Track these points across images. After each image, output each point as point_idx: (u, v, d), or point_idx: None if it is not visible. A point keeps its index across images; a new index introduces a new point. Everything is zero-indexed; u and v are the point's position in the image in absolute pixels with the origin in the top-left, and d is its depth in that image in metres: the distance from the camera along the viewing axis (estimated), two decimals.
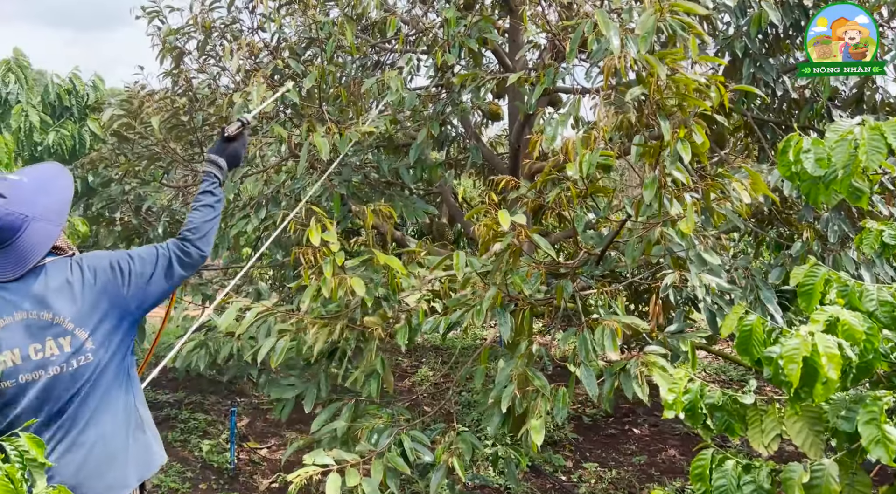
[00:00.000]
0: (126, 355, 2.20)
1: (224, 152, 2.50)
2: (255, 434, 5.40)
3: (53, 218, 2.16)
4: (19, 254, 2.08)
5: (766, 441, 2.12)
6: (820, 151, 2.18)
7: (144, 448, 2.25)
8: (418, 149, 4.20)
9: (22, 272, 2.07)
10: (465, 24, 4.09)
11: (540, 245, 2.87)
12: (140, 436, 2.23)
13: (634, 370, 3.01)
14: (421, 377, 7.08)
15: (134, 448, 2.19)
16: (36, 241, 2.09)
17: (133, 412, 2.22)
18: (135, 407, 2.23)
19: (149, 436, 2.27)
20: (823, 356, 1.60)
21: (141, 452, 2.23)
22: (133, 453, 2.19)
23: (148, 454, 2.26)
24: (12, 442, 1.47)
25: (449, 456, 3.24)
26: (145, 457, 2.24)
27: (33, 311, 2.04)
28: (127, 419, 2.18)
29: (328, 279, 2.99)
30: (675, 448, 5.64)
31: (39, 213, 2.12)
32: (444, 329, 3.26)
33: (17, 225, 2.08)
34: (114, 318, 2.12)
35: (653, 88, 2.78)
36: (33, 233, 2.09)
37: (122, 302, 2.13)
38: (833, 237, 4.04)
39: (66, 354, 2.04)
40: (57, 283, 2.08)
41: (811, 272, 1.99)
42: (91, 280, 2.11)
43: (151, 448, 2.27)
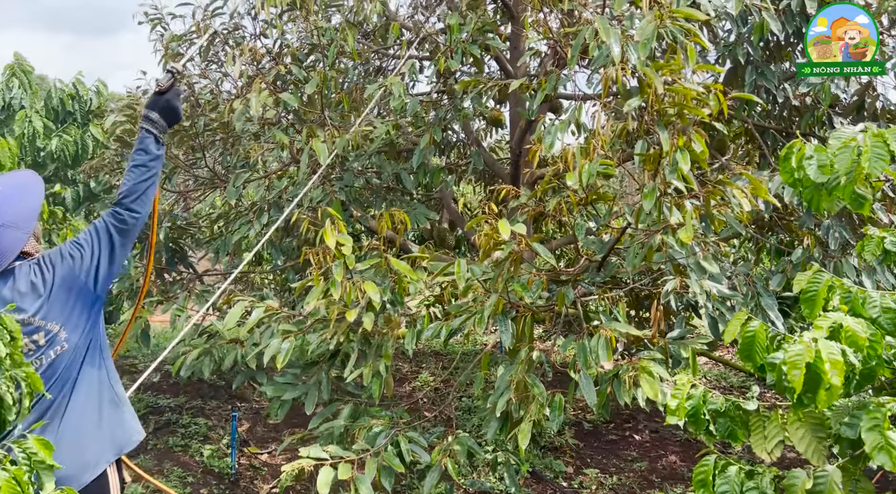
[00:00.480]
0: (96, 334, 2.29)
1: (157, 106, 2.42)
2: (256, 440, 5.39)
3: (22, 225, 2.23)
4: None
5: (768, 448, 2.12)
6: (823, 158, 2.19)
7: (119, 422, 2.32)
8: (421, 154, 4.21)
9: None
10: (468, 30, 4.11)
11: (541, 253, 2.88)
12: (114, 411, 2.31)
13: (625, 376, 3.02)
14: (422, 382, 7.07)
15: (109, 423, 2.27)
16: (5, 247, 2.16)
17: (107, 388, 2.31)
18: (109, 384, 2.31)
19: (124, 412, 2.36)
20: (827, 362, 1.61)
21: (116, 427, 2.30)
22: (108, 428, 2.27)
23: (123, 429, 2.33)
24: (20, 445, 1.47)
25: (444, 459, 3.24)
26: (121, 432, 2.31)
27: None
28: (100, 395, 2.27)
29: (339, 281, 3.01)
30: (675, 454, 5.63)
31: (9, 221, 2.19)
32: (445, 335, 3.27)
33: None
34: (79, 303, 2.21)
35: (651, 98, 2.80)
36: (2, 240, 2.15)
37: (81, 286, 2.21)
38: (834, 244, 4.05)
39: (42, 348, 2.15)
40: (24, 286, 2.16)
41: (814, 278, 1.99)
42: (50, 275, 2.19)
43: (127, 422, 2.35)
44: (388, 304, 3.44)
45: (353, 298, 3.19)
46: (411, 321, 3.48)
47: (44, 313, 2.15)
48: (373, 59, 5.73)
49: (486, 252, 2.96)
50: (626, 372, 2.87)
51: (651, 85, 2.70)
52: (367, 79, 5.52)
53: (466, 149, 6.45)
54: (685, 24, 3.08)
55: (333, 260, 3.16)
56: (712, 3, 3.64)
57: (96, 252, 2.25)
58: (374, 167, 4.66)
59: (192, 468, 4.73)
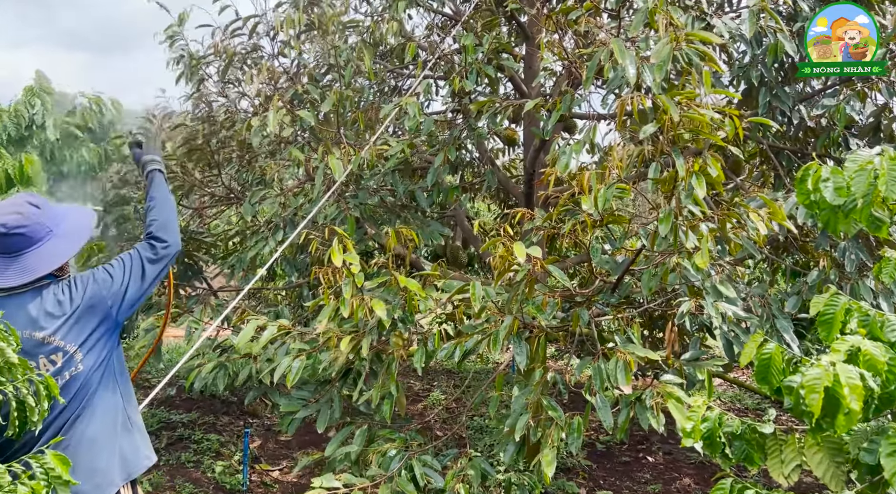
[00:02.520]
0: (113, 359, 2.30)
1: (149, 151, 2.65)
2: (267, 456, 5.39)
3: (70, 241, 2.28)
4: (28, 265, 2.17)
5: (786, 472, 2.09)
6: (839, 180, 2.18)
7: (132, 448, 2.32)
8: (435, 172, 4.24)
9: (24, 281, 2.16)
10: (483, 51, 4.15)
11: (556, 275, 2.88)
12: (126, 436, 2.32)
13: (650, 401, 3.00)
14: (433, 400, 7.05)
15: (121, 447, 2.28)
16: (48, 256, 2.20)
17: (121, 412, 2.31)
18: (122, 408, 2.32)
19: (136, 437, 2.36)
20: (846, 386, 1.60)
21: (128, 451, 2.30)
22: (120, 452, 2.27)
23: (135, 454, 2.33)
24: (38, 460, 1.49)
25: (458, 483, 3.22)
26: (133, 457, 2.31)
27: (27, 331, 2.14)
28: (115, 419, 2.27)
29: (348, 299, 3.02)
30: (689, 476, 5.56)
31: (62, 232, 2.25)
32: (459, 355, 3.27)
33: (40, 236, 2.20)
34: (101, 327, 2.23)
35: (666, 125, 2.80)
36: (49, 248, 2.21)
37: (106, 311, 2.24)
38: (850, 266, 4.01)
39: (58, 367, 2.15)
40: (50, 304, 2.18)
41: (832, 301, 1.98)
42: (78, 295, 2.21)
43: (139, 449, 2.35)
44: (398, 322, 3.44)
45: (362, 316, 3.19)
46: (422, 339, 3.48)
47: (63, 333, 2.16)
48: (388, 79, 5.79)
49: (500, 274, 2.96)
50: (650, 397, 2.84)
51: (667, 111, 2.71)
52: (382, 98, 5.58)
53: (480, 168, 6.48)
54: (700, 47, 3.09)
55: (343, 278, 3.18)
56: (727, 26, 3.66)
57: (126, 279, 2.29)
58: (389, 185, 4.69)
59: (203, 484, 4.73)
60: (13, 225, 2.16)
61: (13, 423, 1.69)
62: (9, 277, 2.15)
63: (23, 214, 2.18)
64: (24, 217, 2.18)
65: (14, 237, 2.16)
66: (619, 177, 2.77)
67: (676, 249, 2.85)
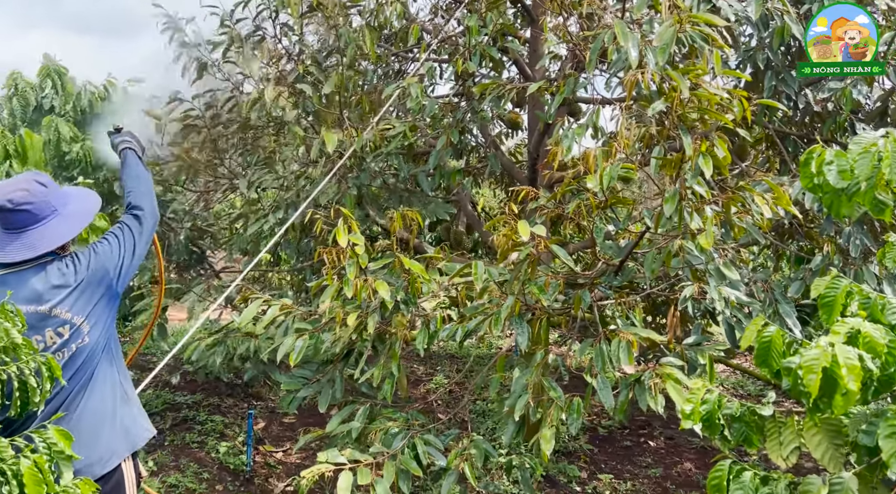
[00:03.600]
0: (112, 331, 2.36)
1: (125, 134, 2.74)
2: (271, 438, 5.43)
3: (75, 222, 2.32)
4: (32, 241, 2.22)
5: (784, 454, 2.10)
6: (843, 163, 2.17)
7: (131, 419, 2.37)
8: (437, 155, 4.23)
9: (27, 257, 2.21)
10: (487, 32, 4.12)
11: (559, 255, 2.88)
12: (126, 408, 2.36)
13: (649, 382, 3.00)
14: (436, 384, 7.08)
15: (122, 419, 2.32)
16: (51, 235, 2.24)
17: (118, 386, 2.36)
18: (119, 382, 2.37)
19: (134, 409, 2.41)
20: (843, 367, 1.60)
21: (129, 424, 2.35)
22: (120, 425, 2.31)
23: (135, 426, 2.38)
24: (41, 435, 1.50)
25: (461, 462, 3.24)
26: (133, 429, 2.37)
27: (31, 306, 2.18)
28: (113, 392, 2.32)
29: (351, 280, 3.03)
30: (690, 461, 5.59)
31: (66, 213, 2.29)
32: (461, 336, 3.27)
33: (45, 214, 2.24)
34: (104, 298, 2.29)
35: (675, 103, 2.79)
36: (52, 227, 2.26)
37: (109, 281, 2.30)
38: (854, 251, 4.00)
39: (65, 340, 2.19)
40: (55, 278, 2.22)
41: (833, 284, 1.98)
42: (82, 267, 2.26)
43: (138, 420, 2.40)
44: (401, 304, 3.45)
45: (365, 297, 3.21)
46: (425, 322, 3.49)
47: (69, 304, 2.20)
48: (392, 62, 5.76)
49: (503, 253, 2.96)
50: (650, 378, 2.85)
51: (676, 89, 2.69)
52: (385, 81, 5.55)
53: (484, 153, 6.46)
54: (705, 30, 3.06)
55: (347, 259, 3.18)
56: (732, 8, 3.62)
57: (122, 250, 2.35)
58: (392, 168, 4.68)
59: (207, 464, 4.78)
60: (19, 201, 2.20)
61: (15, 404, 1.71)
62: (10, 253, 2.19)
63: (29, 191, 2.23)
64: (31, 194, 2.22)
65: (19, 213, 2.21)
66: (626, 155, 2.76)
67: (681, 231, 2.84)
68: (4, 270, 2.22)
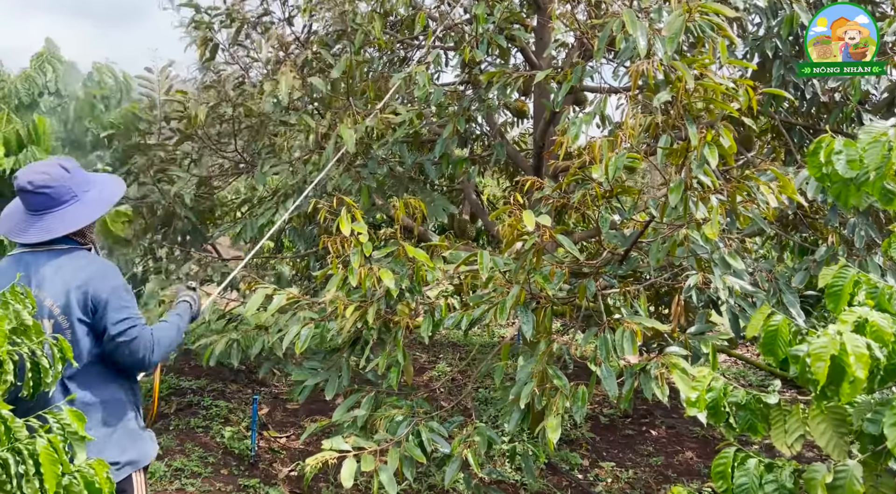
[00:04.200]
0: (101, 359, 2.27)
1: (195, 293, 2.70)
2: (274, 424, 5.46)
3: (92, 208, 2.33)
4: (49, 224, 2.25)
5: (789, 442, 2.12)
6: (852, 153, 2.17)
7: (143, 439, 2.38)
8: (444, 143, 4.22)
9: (43, 239, 2.25)
10: (494, 20, 4.10)
11: (564, 245, 2.88)
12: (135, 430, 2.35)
13: (654, 371, 3.02)
14: (438, 372, 7.11)
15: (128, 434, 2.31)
16: (69, 219, 2.27)
17: (132, 407, 2.36)
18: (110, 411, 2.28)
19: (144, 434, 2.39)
20: (851, 355, 1.61)
21: (138, 441, 2.35)
22: (128, 438, 2.30)
23: (147, 444, 2.39)
24: (55, 415, 1.52)
25: (465, 449, 3.26)
26: (142, 446, 2.37)
27: (35, 288, 2.20)
28: (125, 409, 2.30)
29: (356, 268, 3.04)
30: (692, 450, 5.62)
31: (86, 199, 2.31)
32: (466, 324, 3.29)
33: (64, 199, 2.26)
34: (88, 328, 2.23)
35: (681, 92, 2.78)
36: (71, 212, 2.27)
37: (89, 317, 2.23)
38: (859, 242, 4.00)
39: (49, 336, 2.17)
40: (63, 272, 2.22)
41: (840, 273, 1.99)
42: (87, 288, 2.21)
43: (147, 439, 2.41)
44: (406, 292, 3.46)
45: (370, 286, 3.22)
46: (429, 310, 3.51)
47: (63, 305, 2.20)
48: (397, 50, 5.74)
49: (509, 242, 2.97)
50: (656, 368, 2.86)
51: (682, 79, 2.68)
52: (391, 69, 5.54)
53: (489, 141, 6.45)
54: (714, 19, 3.06)
55: (351, 247, 3.19)
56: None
57: (105, 322, 2.24)
58: (397, 156, 4.68)
59: (212, 448, 4.81)
60: (39, 183, 2.23)
61: (27, 384, 1.73)
62: (31, 234, 2.23)
63: (50, 175, 2.25)
64: (51, 178, 2.24)
65: (39, 195, 2.23)
66: (631, 145, 2.76)
67: (686, 220, 2.84)
68: (23, 249, 2.27)
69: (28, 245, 2.26)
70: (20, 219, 2.27)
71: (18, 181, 2.25)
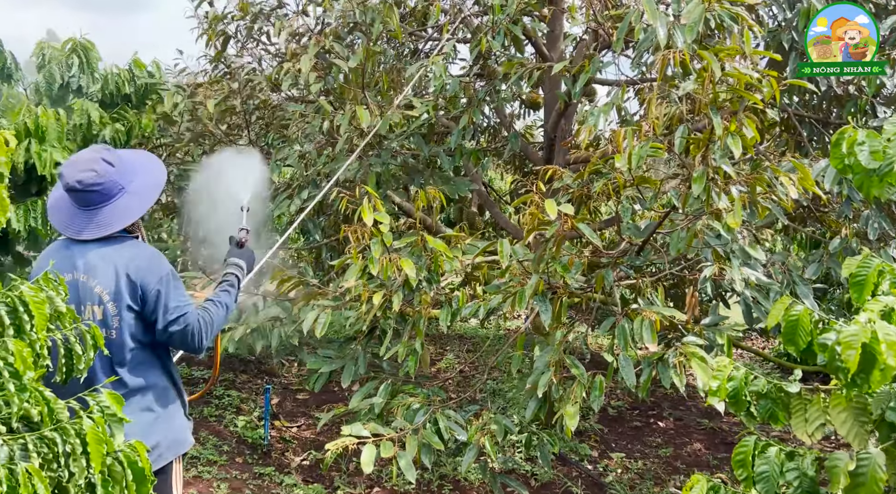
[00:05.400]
0: (148, 345, 2.29)
1: (243, 256, 2.63)
2: (285, 414, 5.50)
3: (144, 199, 2.34)
4: (102, 219, 2.25)
5: (809, 431, 2.13)
6: (875, 144, 2.18)
7: (181, 425, 2.39)
8: (459, 135, 4.23)
9: (99, 235, 2.24)
10: (509, 11, 4.10)
11: (585, 233, 2.90)
12: (175, 412, 2.37)
13: (673, 360, 3.04)
14: (447, 363, 7.14)
15: (170, 420, 2.32)
16: (121, 212, 2.27)
17: (172, 390, 2.37)
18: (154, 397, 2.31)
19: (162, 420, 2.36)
20: (883, 342, 1.62)
21: (178, 427, 2.37)
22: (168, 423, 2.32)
23: (185, 430, 2.40)
24: (94, 397, 1.54)
25: (481, 437, 3.29)
26: (181, 433, 2.38)
27: (83, 275, 2.22)
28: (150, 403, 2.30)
29: (377, 258, 3.06)
30: (700, 442, 5.65)
31: (134, 189, 2.31)
32: (483, 314, 3.31)
33: (114, 192, 2.27)
34: (138, 315, 2.25)
35: (706, 83, 2.79)
36: (121, 205, 2.28)
37: (137, 303, 2.25)
38: (873, 234, 4.02)
39: (99, 323, 2.20)
40: (112, 260, 2.23)
41: (864, 263, 2.00)
42: (136, 277, 2.23)
43: (186, 426, 2.42)
44: (423, 282, 3.48)
45: (390, 275, 3.24)
46: (446, 300, 3.53)
47: (112, 292, 2.22)
48: (408, 42, 5.75)
49: (530, 231, 2.98)
50: (674, 356, 2.88)
51: (707, 68, 2.69)
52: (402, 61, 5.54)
53: (497, 133, 6.45)
54: (733, 9, 3.06)
55: (371, 237, 3.21)
56: None
57: (155, 312, 2.26)
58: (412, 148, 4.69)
59: (226, 437, 4.85)
60: (88, 182, 2.23)
61: (60, 370, 1.75)
62: (88, 232, 2.24)
63: (97, 171, 2.24)
64: (98, 175, 2.24)
65: (89, 193, 2.24)
66: (656, 135, 2.77)
67: (708, 210, 2.85)
68: (76, 242, 2.28)
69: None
70: (72, 215, 2.27)
71: (66, 180, 2.23)
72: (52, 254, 2.29)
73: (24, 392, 1.33)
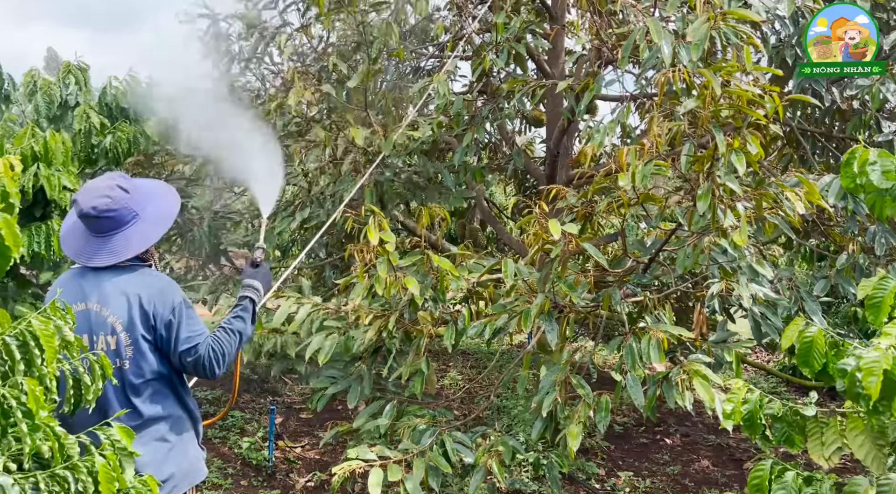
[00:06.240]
0: (163, 375, 2.27)
1: (258, 277, 2.60)
2: (289, 433, 5.45)
3: (157, 227, 2.33)
4: (115, 246, 2.24)
5: (826, 454, 2.10)
6: (887, 163, 2.17)
7: (196, 456, 2.38)
8: (463, 152, 4.23)
9: (111, 262, 2.23)
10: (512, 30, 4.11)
11: (591, 253, 2.88)
12: (190, 442, 2.35)
13: (676, 378, 3.01)
14: (450, 380, 7.10)
15: (184, 451, 2.31)
16: (134, 240, 2.26)
17: (186, 421, 2.35)
18: (169, 426, 2.28)
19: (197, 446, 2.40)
20: None
21: (194, 459, 2.35)
22: (182, 456, 2.30)
23: (199, 462, 2.40)
24: (105, 432, 1.51)
25: (489, 459, 3.25)
26: (197, 464, 2.38)
27: (96, 304, 2.20)
28: (165, 433, 2.27)
29: (382, 277, 3.03)
30: (707, 458, 5.60)
31: (147, 216, 2.30)
32: (489, 334, 3.28)
33: (127, 219, 2.26)
34: (151, 345, 2.23)
35: (707, 100, 2.78)
36: (135, 232, 2.26)
37: (151, 332, 2.23)
38: (880, 250, 4.00)
39: (112, 353, 2.18)
40: (125, 289, 2.21)
41: (881, 284, 1.97)
42: (149, 307, 2.21)
43: (199, 458, 2.41)
44: (429, 301, 3.46)
45: (395, 294, 3.21)
46: (451, 319, 3.50)
47: (125, 322, 2.20)
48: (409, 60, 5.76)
49: (535, 251, 2.96)
50: (677, 375, 2.85)
51: (708, 86, 2.69)
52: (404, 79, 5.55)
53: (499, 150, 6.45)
54: (738, 26, 3.06)
55: (377, 256, 3.19)
56: (764, 5, 3.62)
57: (170, 341, 2.25)
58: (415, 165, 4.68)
59: (231, 459, 4.80)
60: (102, 208, 2.22)
61: (68, 401, 1.72)
62: (100, 259, 2.23)
63: (112, 198, 2.23)
64: (113, 201, 2.23)
65: (103, 220, 2.23)
66: (658, 152, 2.76)
67: (714, 227, 2.84)
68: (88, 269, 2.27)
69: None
70: (85, 242, 2.26)
71: (80, 206, 2.22)
72: (64, 284, 2.27)
73: (37, 431, 1.30)
